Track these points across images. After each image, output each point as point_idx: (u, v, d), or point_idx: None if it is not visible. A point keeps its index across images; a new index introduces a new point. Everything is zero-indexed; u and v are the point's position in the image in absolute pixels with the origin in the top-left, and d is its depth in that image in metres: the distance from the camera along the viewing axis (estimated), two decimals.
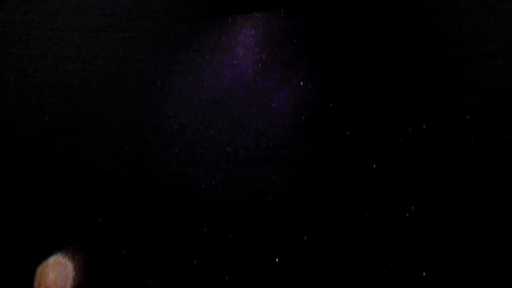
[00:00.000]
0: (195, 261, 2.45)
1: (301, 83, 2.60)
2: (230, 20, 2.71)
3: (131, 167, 2.59)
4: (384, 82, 2.51)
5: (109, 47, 2.72)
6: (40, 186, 2.57)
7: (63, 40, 2.70)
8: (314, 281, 2.36)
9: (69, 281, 2.62)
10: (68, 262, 2.63)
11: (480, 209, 2.30)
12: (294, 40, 2.65)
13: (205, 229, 2.48)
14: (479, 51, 2.41)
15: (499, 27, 2.42)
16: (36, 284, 2.63)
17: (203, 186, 2.54)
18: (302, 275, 2.38)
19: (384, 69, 2.52)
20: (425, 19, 2.49)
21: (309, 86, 2.58)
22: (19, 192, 2.57)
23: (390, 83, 2.50)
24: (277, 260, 2.39)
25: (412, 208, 2.34)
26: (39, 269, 2.64)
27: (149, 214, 2.53)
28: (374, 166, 2.42)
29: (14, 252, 2.53)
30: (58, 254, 2.64)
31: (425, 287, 2.26)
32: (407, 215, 2.34)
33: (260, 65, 2.66)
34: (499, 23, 2.42)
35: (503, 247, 2.26)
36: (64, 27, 2.70)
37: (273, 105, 2.60)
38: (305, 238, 2.39)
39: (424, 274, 2.26)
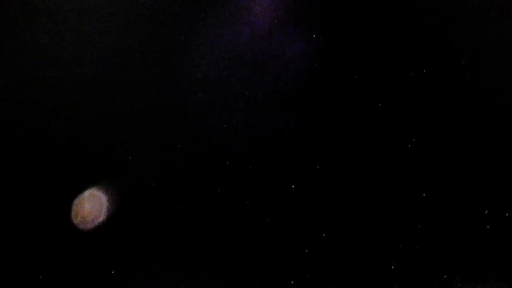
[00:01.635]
0: (219, 190, 2.72)
1: (313, 36, 2.89)
2: None
3: (159, 110, 2.87)
4: (389, 35, 2.81)
5: (138, 7, 3.01)
6: (78, 124, 2.85)
7: None
8: (326, 204, 2.64)
9: (103, 212, 2.88)
10: (102, 194, 2.90)
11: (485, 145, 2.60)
12: None
13: (227, 162, 2.75)
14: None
15: None
16: (73, 214, 2.90)
17: (225, 126, 2.82)
18: (315, 199, 2.66)
19: (390, 24, 2.82)
20: None
21: (321, 38, 2.88)
22: (61, 132, 2.85)
23: (395, 36, 2.80)
24: (292, 186, 2.67)
25: (414, 140, 2.63)
26: (76, 201, 2.91)
27: (176, 150, 2.80)
28: (380, 104, 2.71)
29: (53, 184, 2.79)
30: (93, 187, 2.91)
31: (427, 208, 2.55)
32: (409, 145, 2.63)
33: (275, 21, 2.96)
34: None
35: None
36: None
37: (288, 55, 2.89)
38: (318, 167, 2.68)
39: (424, 195, 2.54)
